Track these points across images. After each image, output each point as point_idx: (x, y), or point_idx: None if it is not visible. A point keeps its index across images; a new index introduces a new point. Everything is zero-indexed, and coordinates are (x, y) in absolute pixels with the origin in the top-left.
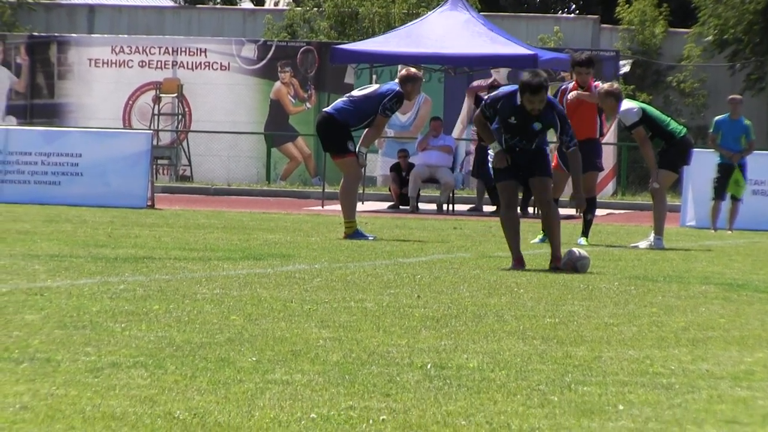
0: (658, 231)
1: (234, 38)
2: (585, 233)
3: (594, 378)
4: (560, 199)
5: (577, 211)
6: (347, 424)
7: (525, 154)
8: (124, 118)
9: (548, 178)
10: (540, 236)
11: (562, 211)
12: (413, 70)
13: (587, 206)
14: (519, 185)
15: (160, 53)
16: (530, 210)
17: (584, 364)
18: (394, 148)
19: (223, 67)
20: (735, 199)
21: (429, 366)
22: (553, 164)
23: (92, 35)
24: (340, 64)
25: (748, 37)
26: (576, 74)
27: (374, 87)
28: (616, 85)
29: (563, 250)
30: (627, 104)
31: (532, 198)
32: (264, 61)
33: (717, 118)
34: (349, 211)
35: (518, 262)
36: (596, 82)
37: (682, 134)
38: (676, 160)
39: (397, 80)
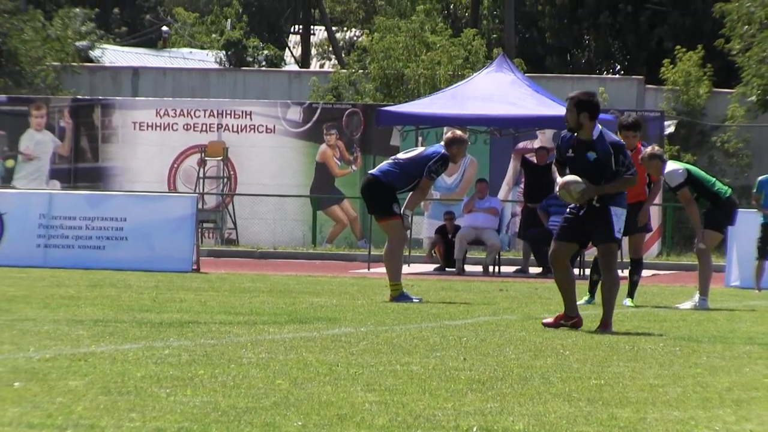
0: (703, 291)
1: (279, 101)
2: (631, 294)
3: None
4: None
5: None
6: None
7: (590, 216)
8: (168, 182)
9: (614, 245)
10: (586, 297)
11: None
12: (459, 132)
13: (634, 267)
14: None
15: (205, 116)
16: (575, 272)
17: (629, 425)
18: (440, 210)
19: (268, 130)
20: None
21: (475, 429)
22: None
23: (136, 98)
24: (386, 126)
25: None
26: (623, 137)
27: (420, 149)
28: (657, 147)
29: (614, 311)
30: (672, 165)
31: (577, 259)
32: (309, 124)
33: (760, 177)
34: (394, 274)
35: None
36: (643, 145)
37: (727, 195)
38: (721, 220)
39: (442, 143)
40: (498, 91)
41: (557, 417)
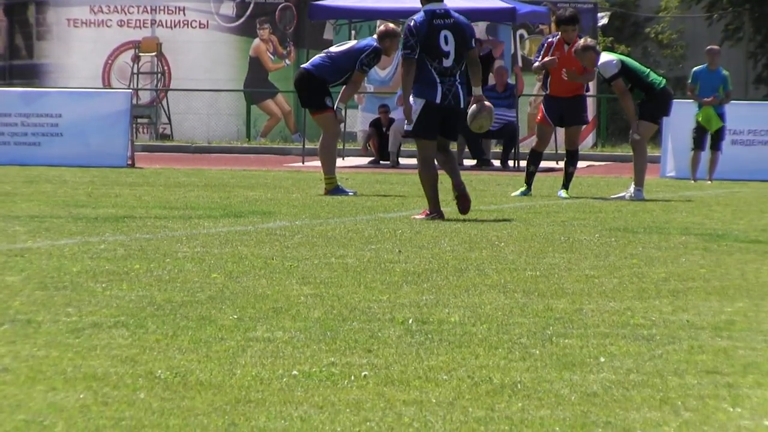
0: (639, 182)
1: None
2: (566, 185)
3: (575, 330)
4: (544, 151)
5: None
6: (329, 380)
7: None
8: (103, 78)
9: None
10: (522, 189)
11: (544, 164)
12: (391, 25)
13: (569, 158)
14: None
15: (138, 12)
16: (510, 163)
17: (565, 316)
18: (374, 104)
19: (201, 25)
20: (714, 149)
21: (410, 321)
22: (538, 118)
23: None
24: (319, 20)
25: None
26: (561, 32)
27: (352, 43)
28: (590, 39)
29: (546, 202)
30: (606, 56)
31: (512, 151)
32: (243, 19)
33: (695, 68)
34: (328, 167)
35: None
36: (580, 37)
37: (662, 85)
38: (656, 111)
39: (375, 36)
40: None
41: (493, 308)
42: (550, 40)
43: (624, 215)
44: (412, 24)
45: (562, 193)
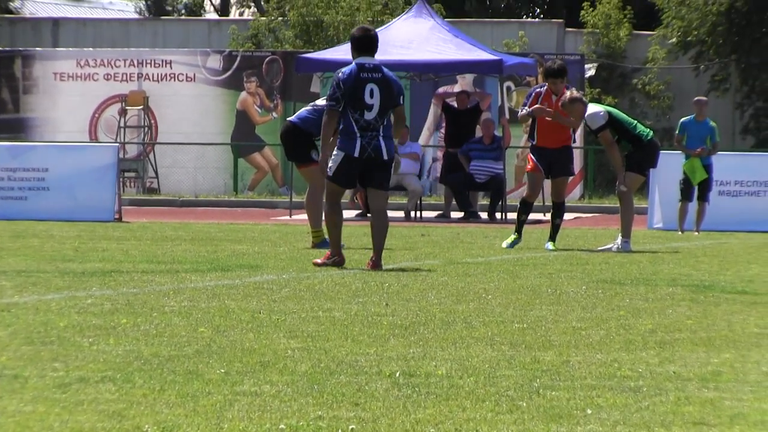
0: (626, 234)
1: (199, 49)
2: (552, 238)
3: (562, 383)
4: (534, 203)
5: None
6: None
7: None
8: (90, 132)
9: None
10: (513, 238)
11: (532, 216)
12: None
13: (556, 210)
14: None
15: (125, 66)
16: (497, 215)
17: (552, 368)
18: None
19: (188, 79)
20: (701, 200)
21: (397, 374)
22: (529, 167)
23: (57, 49)
24: (306, 73)
25: (712, 38)
26: (550, 84)
27: None
28: (575, 91)
29: (533, 254)
30: (593, 108)
31: (499, 203)
32: (229, 72)
33: (683, 119)
34: (315, 221)
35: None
36: (567, 88)
37: (649, 137)
38: (643, 162)
39: None
40: (418, 36)
41: (480, 361)
42: (538, 90)
43: (611, 267)
44: (340, 75)
45: (549, 245)
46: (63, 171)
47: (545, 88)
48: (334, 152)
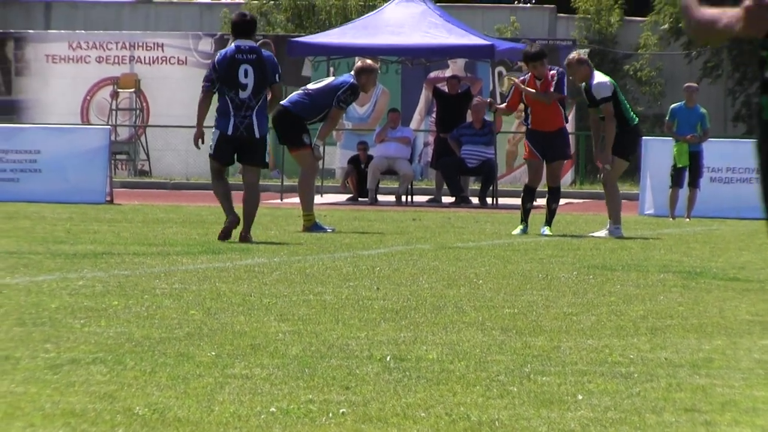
0: (615, 220)
1: (191, 32)
2: (548, 222)
3: (553, 368)
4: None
5: None
6: (307, 417)
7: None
8: (82, 114)
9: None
10: (521, 227)
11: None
12: (368, 61)
13: (551, 195)
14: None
15: (117, 48)
16: (488, 200)
17: (543, 354)
18: (353, 141)
19: (180, 62)
20: (692, 186)
21: (388, 358)
22: (525, 153)
23: (49, 31)
24: (297, 57)
25: None
26: (531, 68)
27: (329, 80)
28: (582, 52)
29: (524, 240)
30: (600, 77)
31: (491, 188)
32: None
33: (673, 105)
34: (307, 204)
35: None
36: (551, 70)
37: (635, 122)
38: (627, 147)
39: (352, 72)
40: (409, 20)
41: (471, 346)
42: (522, 78)
43: (602, 253)
44: (217, 57)
45: (545, 230)
46: (55, 153)
47: (528, 75)
48: (213, 131)
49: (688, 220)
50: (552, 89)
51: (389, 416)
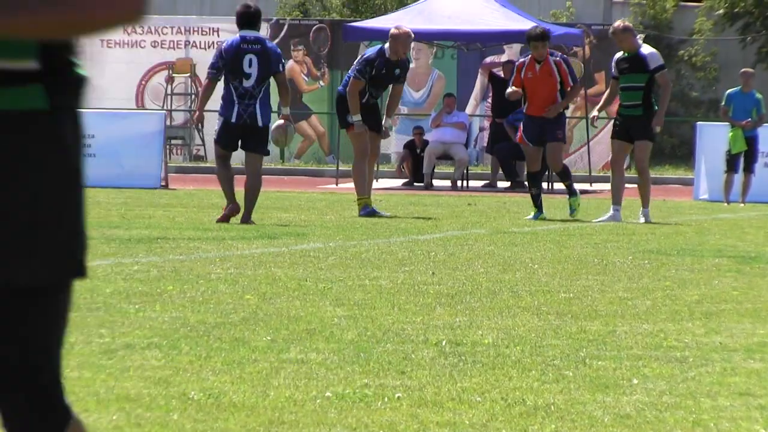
0: (646, 203)
1: None
2: (572, 193)
3: (608, 352)
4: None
5: None
6: (362, 402)
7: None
8: (137, 99)
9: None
10: (534, 212)
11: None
12: (404, 29)
13: (562, 178)
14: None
15: (172, 33)
16: (544, 185)
17: (599, 338)
18: (408, 126)
19: None
20: (747, 171)
21: (444, 343)
22: (518, 137)
23: None
24: (353, 41)
25: (759, 9)
26: (532, 48)
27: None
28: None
29: (579, 224)
30: (649, 48)
31: (546, 173)
32: (277, 40)
33: (729, 91)
34: (358, 188)
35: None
36: (553, 56)
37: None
38: (648, 129)
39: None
40: (465, 6)
41: (526, 330)
42: (521, 60)
43: (657, 237)
44: (223, 46)
45: (572, 200)
46: (109, 138)
47: (528, 57)
48: (218, 118)
49: (742, 205)
50: (561, 77)
51: (445, 401)
